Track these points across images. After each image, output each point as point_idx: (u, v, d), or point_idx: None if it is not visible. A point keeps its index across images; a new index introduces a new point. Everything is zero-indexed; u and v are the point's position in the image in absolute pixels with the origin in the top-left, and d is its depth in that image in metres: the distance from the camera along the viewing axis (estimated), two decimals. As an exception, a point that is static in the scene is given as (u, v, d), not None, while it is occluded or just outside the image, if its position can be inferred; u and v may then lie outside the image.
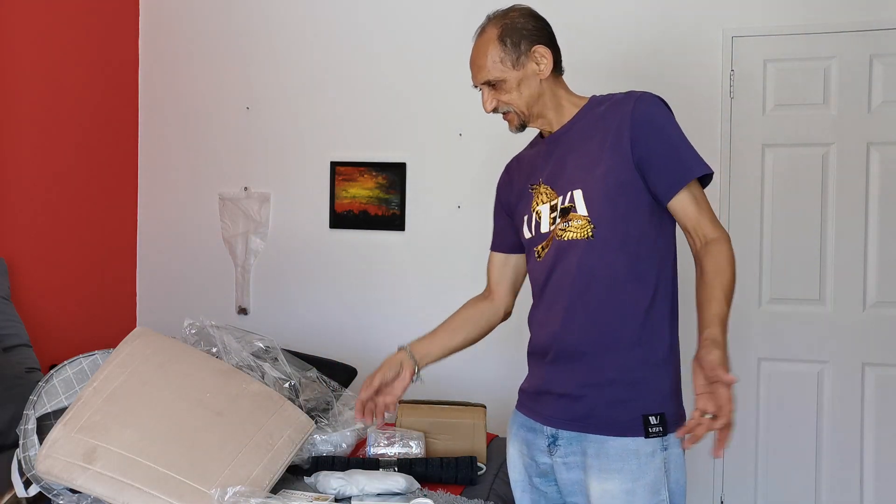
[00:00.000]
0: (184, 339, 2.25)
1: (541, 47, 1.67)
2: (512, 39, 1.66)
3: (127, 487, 1.67)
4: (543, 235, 1.69)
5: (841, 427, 2.99)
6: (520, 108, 1.70)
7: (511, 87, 1.68)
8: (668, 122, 1.61)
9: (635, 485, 1.55)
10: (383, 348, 3.37)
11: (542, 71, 1.67)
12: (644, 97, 1.62)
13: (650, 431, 1.55)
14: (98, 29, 3.49)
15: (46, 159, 3.23)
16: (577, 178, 1.63)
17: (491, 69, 1.67)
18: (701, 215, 1.59)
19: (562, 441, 1.63)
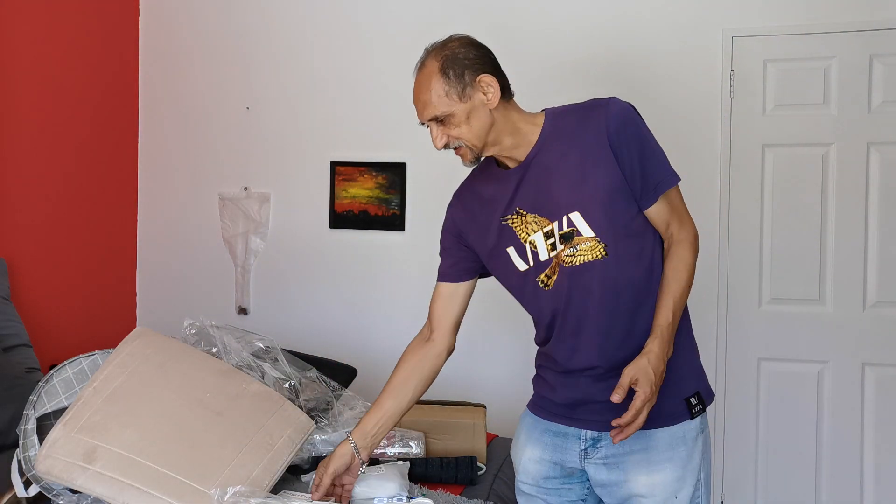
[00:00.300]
0: (184, 339, 2.25)
1: (486, 76, 1.60)
2: (455, 71, 1.59)
3: (127, 487, 1.67)
4: (544, 264, 1.64)
5: (841, 427, 2.99)
6: (471, 142, 1.62)
7: (460, 121, 1.60)
8: (641, 129, 1.62)
9: (685, 470, 1.61)
10: (383, 348, 3.40)
11: (491, 100, 1.60)
12: (613, 106, 1.60)
13: (694, 412, 1.63)
14: (98, 29, 3.49)
15: (46, 159, 3.23)
16: (570, 201, 1.59)
17: (437, 104, 1.60)
18: (672, 218, 1.65)
19: (604, 442, 1.64)
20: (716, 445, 3.11)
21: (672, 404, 1.62)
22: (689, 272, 1.63)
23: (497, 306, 3.31)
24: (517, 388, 1.83)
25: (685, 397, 1.64)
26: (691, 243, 1.65)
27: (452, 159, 3.59)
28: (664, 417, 1.61)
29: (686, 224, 1.67)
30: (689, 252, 1.64)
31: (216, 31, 3.65)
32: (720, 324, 3.10)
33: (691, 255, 1.65)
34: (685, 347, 1.69)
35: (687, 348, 1.70)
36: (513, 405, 1.88)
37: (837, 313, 3.00)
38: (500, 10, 3.29)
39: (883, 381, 2.96)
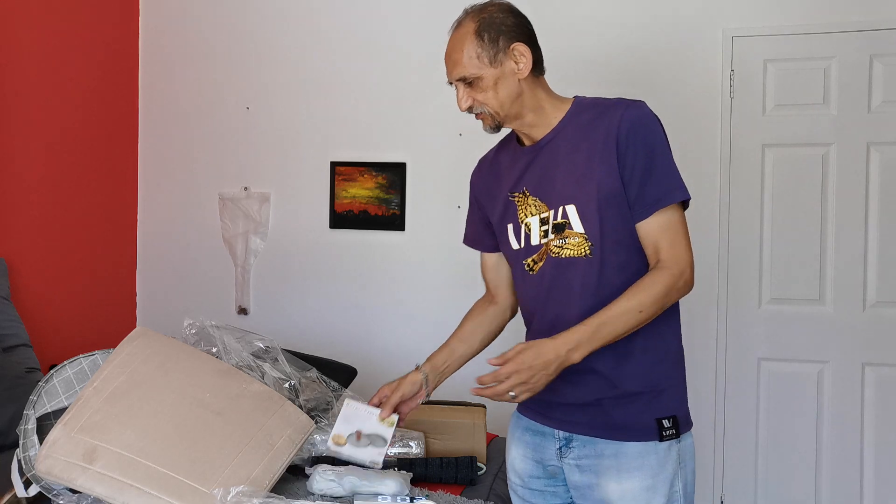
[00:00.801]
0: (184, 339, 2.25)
1: (520, 45, 1.60)
2: (490, 35, 1.59)
3: (127, 487, 1.67)
4: (534, 248, 1.65)
5: (841, 427, 2.99)
6: (494, 109, 1.62)
7: (487, 86, 1.60)
8: (654, 138, 1.54)
9: (655, 480, 1.57)
10: (383, 348, 3.40)
11: (521, 70, 1.60)
12: (632, 109, 1.55)
13: (664, 435, 1.56)
14: (98, 29, 3.49)
15: (46, 160, 3.23)
16: (569, 193, 1.59)
17: (467, 65, 1.60)
18: (662, 240, 1.53)
19: (576, 444, 1.63)
20: (716, 445, 3.11)
21: (643, 421, 1.57)
22: (651, 298, 1.50)
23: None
24: (517, 389, 1.83)
25: (658, 417, 1.57)
26: (673, 275, 1.52)
27: (452, 159, 3.61)
28: (632, 432, 1.57)
29: (678, 253, 1.53)
30: (664, 280, 1.51)
31: (216, 31, 3.65)
32: (720, 324, 3.10)
33: (664, 286, 1.51)
34: (671, 369, 1.62)
35: (672, 370, 1.62)
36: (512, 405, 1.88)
37: (837, 313, 3.00)
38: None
39: (883, 381, 2.96)
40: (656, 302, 1.51)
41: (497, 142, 1.85)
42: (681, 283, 1.53)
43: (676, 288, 1.53)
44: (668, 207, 1.54)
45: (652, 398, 1.58)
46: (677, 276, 1.52)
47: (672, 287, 1.52)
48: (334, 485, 1.92)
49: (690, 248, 1.56)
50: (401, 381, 1.78)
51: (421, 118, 3.40)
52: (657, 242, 1.54)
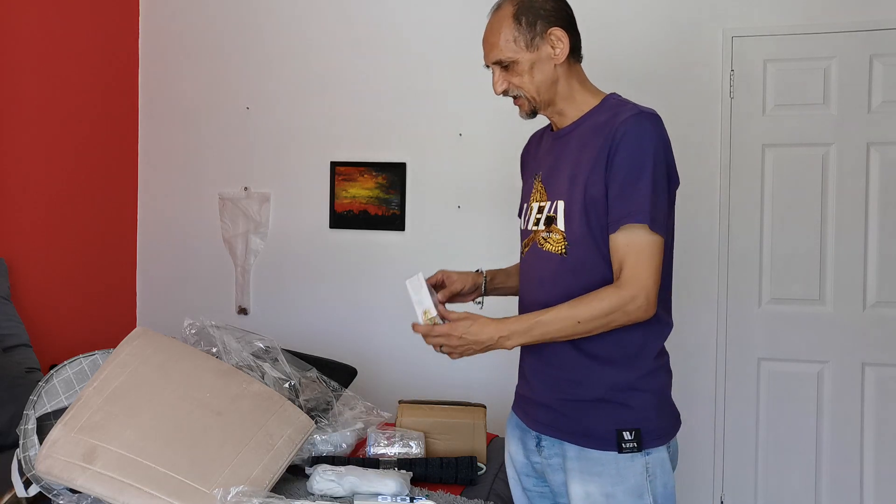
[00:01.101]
0: (184, 339, 2.25)
1: (557, 30, 1.60)
2: (527, 18, 1.59)
3: (127, 487, 1.67)
4: (526, 233, 1.70)
5: (841, 427, 2.99)
6: (530, 94, 1.62)
7: (523, 70, 1.60)
8: (641, 155, 1.50)
9: (615, 489, 1.54)
10: (383, 348, 3.40)
11: (558, 55, 1.60)
12: (632, 120, 1.52)
13: (623, 447, 1.52)
14: (98, 29, 3.49)
15: (46, 159, 3.23)
16: (564, 189, 1.59)
17: (503, 48, 1.60)
18: (626, 261, 1.49)
19: (545, 444, 1.65)
20: (716, 445, 3.11)
21: (603, 430, 1.54)
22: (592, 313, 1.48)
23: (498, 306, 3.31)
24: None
25: (619, 429, 1.53)
26: (623, 297, 1.47)
27: (452, 159, 3.61)
28: (592, 439, 1.55)
29: (638, 275, 1.48)
30: (612, 300, 1.48)
31: (216, 31, 3.65)
32: (720, 324, 3.10)
33: (610, 305, 1.47)
34: (645, 379, 1.57)
35: (644, 382, 1.57)
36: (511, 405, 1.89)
37: (837, 313, 3.00)
38: (500, 10, 3.29)
39: (883, 381, 2.96)
40: (598, 318, 1.49)
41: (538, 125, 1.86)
42: (631, 306, 1.48)
43: (624, 310, 1.48)
44: (638, 228, 1.49)
45: (616, 408, 1.55)
46: (628, 300, 1.48)
47: (618, 308, 1.48)
48: (334, 485, 1.92)
49: (655, 274, 1.50)
50: (467, 275, 1.84)
51: (421, 118, 3.40)
52: (621, 260, 1.50)
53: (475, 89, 3.32)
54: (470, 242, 3.29)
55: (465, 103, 3.31)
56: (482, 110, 3.29)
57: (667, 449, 1.58)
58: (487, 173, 3.30)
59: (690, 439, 3.11)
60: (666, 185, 1.54)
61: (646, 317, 1.51)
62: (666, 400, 1.61)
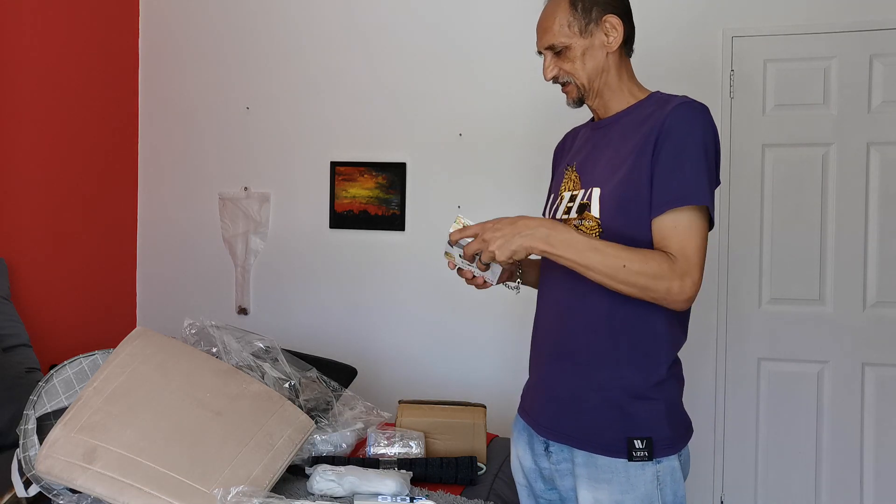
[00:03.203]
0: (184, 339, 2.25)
1: (613, 17, 1.58)
2: (584, 4, 1.57)
3: (127, 487, 1.67)
4: None
5: (841, 427, 2.99)
6: (581, 81, 1.60)
7: (575, 56, 1.58)
8: (690, 139, 1.46)
9: (624, 497, 1.51)
10: (383, 348, 3.40)
11: (611, 43, 1.58)
12: (683, 107, 1.49)
13: (633, 455, 1.50)
14: (98, 29, 3.49)
15: (46, 160, 3.23)
16: (602, 177, 1.55)
17: (557, 33, 1.58)
18: (673, 241, 1.44)
19: (553, 449, 1.62)
20: (716, 445, 3.11)
21: (614, 436, 1.52)
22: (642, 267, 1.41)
23: (498, 306, 3.32)
24: (517, 388, 1.83)
25: (630, 437, 1.50)
26: (675, 269, 1.42)
27: (452, 159, 3.60)
28: (602, 446, 1.53)
29: (688, 254, 1.43)
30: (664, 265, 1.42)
31: (216, 31, 3.65)
32: (720, 324, 3.10)
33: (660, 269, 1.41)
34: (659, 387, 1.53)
35: (661, 387, 1.54)
36: (513, 405, 1.88)
37: (837, 313, 3.00)
38: (499, 9, 3.29)
39: (883, 381, 2.96)
40: (643, 274, 1.41)
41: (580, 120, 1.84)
42: (676, 282, 1.42)
43: (669, 285, 1.42)
44: (686, 211, 1.45)
45: (627, 416, 1.52)
46: (679, 273, 1.42)
47: (665, 277, 1.42)
48: (334, 485, 1.92)
49: (702, 259, 1.45)
50: None
51: (421, 118, 3.40)
52: (667, 240, 1.45)
53: (475, 89, 3.33)
54: (470, 242, 3.28)
55: (465, 103, 3.31)
56: (482, 110, 3.29)
57: (678, 458, 1.55)
58: (487, 173, 3.30)
59: (691, 439, 3.11)
60: (713, 173, 1.50)
61: (683, 304, 1.45)
62: (677, 409, 1.58)
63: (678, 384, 1.59)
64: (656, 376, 1.53)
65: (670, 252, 1.44)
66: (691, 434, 1.61)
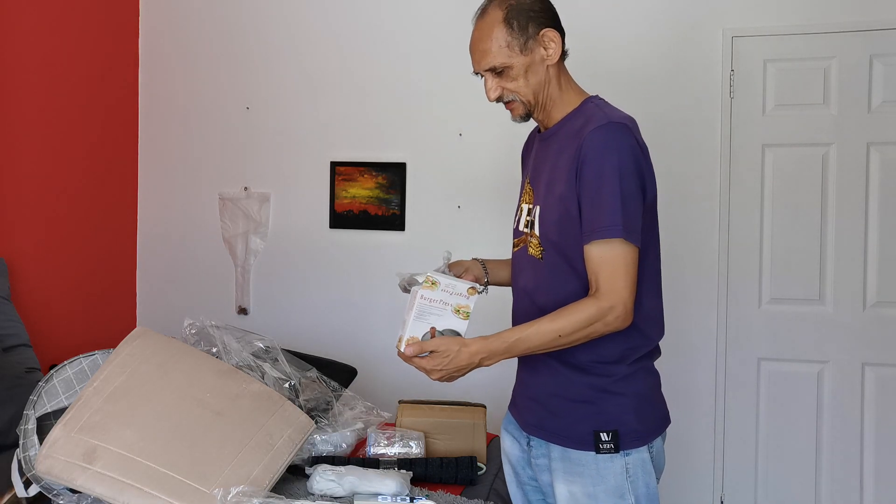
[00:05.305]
0: (184, 339, 2.25)
1: (550, 31, 1.58)
2: (519, 22, 1.56)
3: (127, 487, 1.67)
4: (518, 233, 1.70)
5: (841, 427, 2.99)
6: (527, 98, 1.60)
7: (517, 74, 1.57)
8: (607, 166, 1.48)
9: (596, 489, 1.56)
10: (383, 348, 3.39)
11: (551, 56, 1.58)
12: (598, 131, 1.49)
13: (600, 448, 1.54)
14: (98, 29, 3.49)
15: (46, 160, 3.23)
16: (542, 194, 1.60)
17: (497, 54, 1.56)
18: (600, 273, 1.49)
19: (533, 444, 1.67)
20: (716, 445, 3.11)
21: (582, 430, 1.56)
22: (573, 325, 1.48)
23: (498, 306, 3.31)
24: (516, 389, 1.84)
25: (596, 430, 1.55)
26: (602, 308, 1.47)
27: (452, 159, 3.60)
28: (572, 440, 1.57)
29: (615, 287, 1.48)
30: (591, 311, 1.48)
31: (216, 31, 3.65)
32: (720, 324, 3.10)
33: (589, 316, 1.48)
34: (623, 381, 1.57)
35: (625, 382, 1.58)
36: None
37: (837, 313, 3.00)
38: (500, 10, 3.29)
39: (883, 381, 2.96)
40: (578, 329, 1.49)
41: None
42: (610, 317, 1.48)
43: (604, 321, 1.48)
44: (611, 241, 1.48)
45: (593, 410, 1.56)
46: (606, 310, 1.48)
47: (598, 319, 1.48)
48: (334, 485, 1.92)
49: (632, 284, 1.49)
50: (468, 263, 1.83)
51: (421, 118, 3.40)
52: (596, 271, 1.50)
53: (475, 89, 3.32)
54: (470, 242, 3.28)
55: (465, 103, 3.31)
56: (482, 110, 3.28)
57: (648, 449, 1.59)
58: (487, 173, 3.30)
59: (690, 439, 3.11)
60: (638, 194, 1.51)
61: (624, 326, 1.51)
62: (647, 402, 1.60)
63: (648, 378, 1.63)
64: (620, 372, 1.57)
65: (598, 282, 1.49)
66: (665, 426, 1.65)
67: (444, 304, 1.59)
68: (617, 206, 1.47)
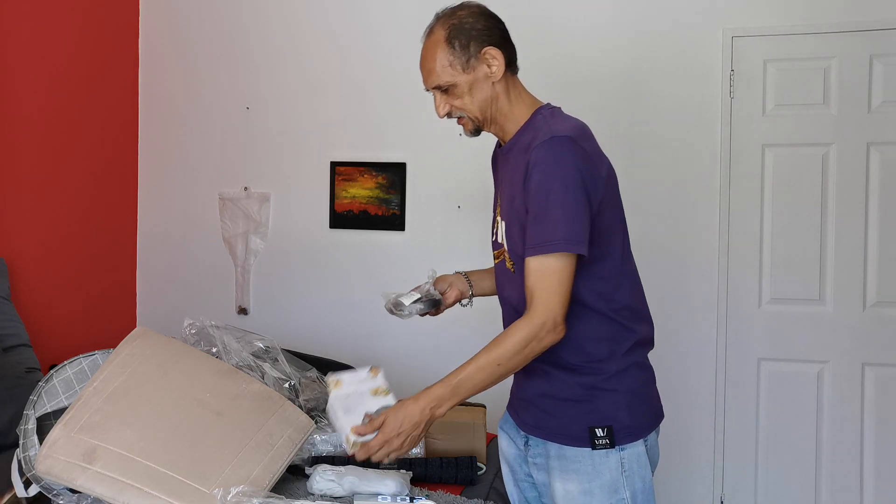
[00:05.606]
0: (184, 339, 2.25)
1: (491, 48, 1.61)
2: (460, 41, 1.60)
3: (127, 487, 1.67)
4: (496, 245, 1.73)
5: (841, 427, 2.99)
6: (473, 114, 1.65)
7: (462, 92, 1.62)
8: (550, 182, 1.50)
9: (592, 485, 1.58)
10: (383, 348, 3.40)
11: (495, 73, 1.61)
12: (541, 148, 1.51)
13: (596, 444, 1.57)
14: (98, 29, 3.49)
15: (46, 160, 3.23)
16: (507, 208, 1.63)
17: (440, 74, 1.61)
18: (535, 287, 1.51)
19: (532, 443, 1.69)
20: (716, 445, 3.11)
21: (577, 427, 1.59)
22: (510, 351, 1.50)
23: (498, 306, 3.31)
24: (517, 389, 1.84)
25: (591, 426, 1.57)
26: (533, 325, 1.50)
27: (452, 159, 3.60)
28: (568, 437, 1.60)
29: (546, 300, 1.50)
30: (523, 332, 1.50)
31: (216, 31, 3.65)
32: (720, 324, 3.10)
33: (523, 337, 1.50)
34: (615, 378, 1.60)
35: (617, 378, 1.60)
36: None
37: (837, 313, 3.00)
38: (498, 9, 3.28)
39: (883, 381, 2.96)
40: (515, 353, 1.51)
41: None
42: (542, 333, 1.50)
43: (538, 338, 1.50)
44: (545, 256, 1.50)
45: (587, 407, 1.59)
46: (538, 327, 1.50)
47: (532, 338, 1.50)
48: (334, 485, 1.92)
49: (561, 297, 1.51)
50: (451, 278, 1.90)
51: (421, 118, 3.39)
52: (532, 286, 1.52)
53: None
54: (470, 242, 3.29)
55: (465, 103, 3.31)
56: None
57: (644, 443, 1.62)
58: (487, 173, 3.29)
59: (690, 439, 3.11)
60: (584, 204, 1.51)
61: (558, 338, 1.53)
62: (639, 398, 1.63)
63: (641, 373, 1.65)
64: (611, 369, 1.60)
65: (532, 297, 1.51)
66: (659, 421, 1.68)
67: (360, 393, 1.63)
68: (556, 221, 1.49)
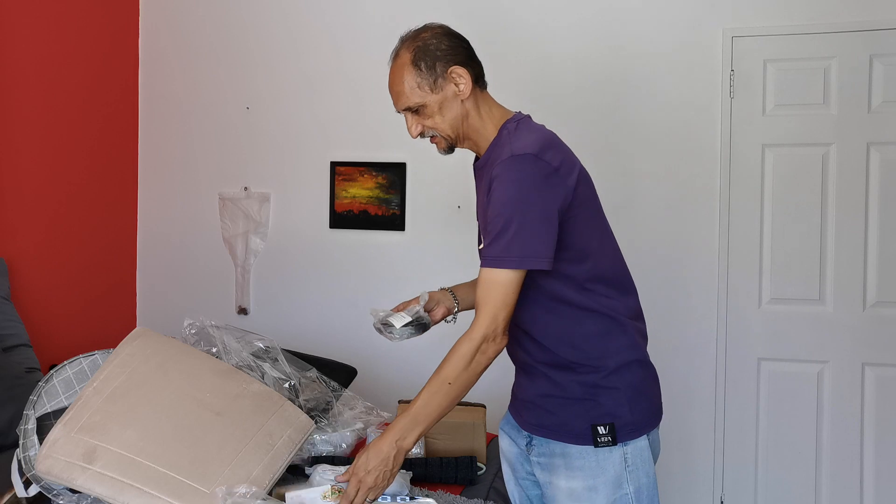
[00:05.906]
0: (184, 339, 2.25)
1: (457, 68, 1.63)
2: (426, 62, 1.63)
3: (127, 487, 1.67)
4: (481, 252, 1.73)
5: (841, 427, 2.99)
6: (445, 132, 1.67)
7: (433, 112, 1.65)
8: (503, 200, 1.52)
9: (596, 481, 1.59)
10: (383, 348, 3.40)
11: (463, 91, 1.63)
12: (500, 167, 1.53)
13: (598, 441, 1.58)
14: (98, 29, 3.49)
15: (46, 159, 3.23)
16: (482, 223, 1.65)
17: (410, 95, 1.64)
18: (483, 300, 1.54)
19: (535, 442, 1.69)
20: (716, 445, 3.11)
21: (580, 425, 1.60)
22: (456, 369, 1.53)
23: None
24: (516, 389, 1.84)
25: (594, 424, 1.59)
26: (473, 339, 1.53)
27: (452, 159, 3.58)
28: (572, 435, 1.61)
29: (486, 312, 1.53)
30: (465, 349, 1.53)
31: (216, 31, 3.65)
32: (720, 324, 3.10)
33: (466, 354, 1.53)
34: (614, 375, 1.61)
35: (616, 375, 1.61)
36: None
37: (837, 313, 3.00)
38: (498, 8, 3.29)
39: (883, 381, 2.96)
40: (463, 370, 1.53)
41: None
42: (484, 345, 1.53)
43: (481, 350, 1.53)
44: (492, 271, 1.53)
45: (589, 405, 1.60)
46: (479, 340, 1.53)
47: (475, 351, 1.53)
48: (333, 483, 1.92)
49: (508, 309, 1.54)
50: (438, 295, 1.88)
51: (421, 118, 3.40)
52: (480, 298, 1.55)
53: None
54: (470, 242, 3.28)
55: (465, 103, 3.31)
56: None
57: (647, 438, 1.63)
58: (487, 173, 3.30)
59: (690, 439, 3.11)
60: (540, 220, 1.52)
61: (501, 346, 1.56)
62: (640, 394, 1.64)
63: (642, 369, 1.66)
64: (610, 366, 1.61)
65: (478, 307, 1.55)
66: (660, 417, 1.69)
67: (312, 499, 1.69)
68: (507, 238, 1.51)
